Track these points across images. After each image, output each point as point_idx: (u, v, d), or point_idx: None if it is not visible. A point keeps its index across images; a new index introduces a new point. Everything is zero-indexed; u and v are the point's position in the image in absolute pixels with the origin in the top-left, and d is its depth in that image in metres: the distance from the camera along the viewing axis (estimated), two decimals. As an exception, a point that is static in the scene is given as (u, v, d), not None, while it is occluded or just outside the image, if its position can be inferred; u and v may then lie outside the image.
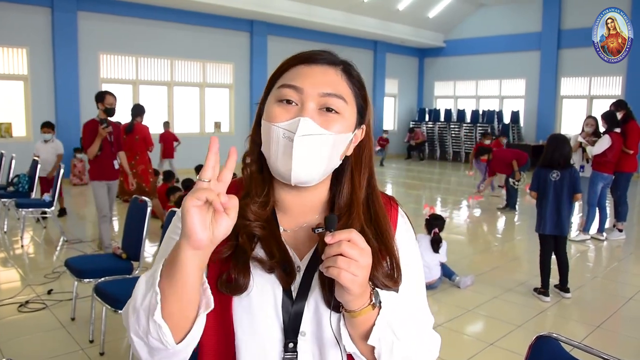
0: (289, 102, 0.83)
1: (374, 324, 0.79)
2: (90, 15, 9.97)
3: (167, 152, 9.49)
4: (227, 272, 0.83)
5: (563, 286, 4.25)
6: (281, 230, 0.89)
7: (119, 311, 2.83)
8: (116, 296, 2.87)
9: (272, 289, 0.84)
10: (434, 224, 4.49)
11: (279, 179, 0.86)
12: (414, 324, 0.84)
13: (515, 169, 7.69)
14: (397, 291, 0.85)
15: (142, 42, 10.80)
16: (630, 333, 3.69)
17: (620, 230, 6.33)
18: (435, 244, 4.35)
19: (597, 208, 6.12)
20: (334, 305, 0.81)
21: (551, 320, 3.88)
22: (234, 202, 0.71)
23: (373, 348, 0.81)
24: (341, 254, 0.73)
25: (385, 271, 0.85)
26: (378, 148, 14.09)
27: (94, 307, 3.28)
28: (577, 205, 7.06)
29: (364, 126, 0.91)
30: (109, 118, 5.01)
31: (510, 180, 7.79)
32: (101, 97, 5.01)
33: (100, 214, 5.05)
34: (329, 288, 0.82)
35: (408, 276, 0.88)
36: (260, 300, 0.84)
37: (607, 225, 6.37)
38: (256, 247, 0.86)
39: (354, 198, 0.89)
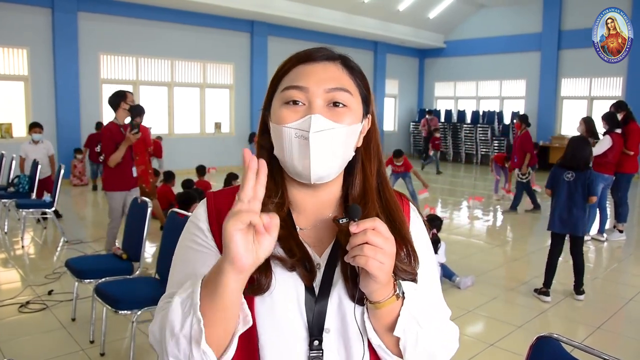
0: (295, 102, 0.84)
1: (398, 315, 0.80)
2: (91, 16, 9.97)
3: (157, 153, 9.70)
4: None
5: (576, 288, 4.24)
6: (297, 230, 0.89)
7: (120, 312, 2.83)
8: (117, 297, 2.87)
9: (294, 286, 0.84)
10: (432, 224, 4.49)
11: (296, 179, 0.87)
12: (434, 315, 0.85)
13: (526, 162, 7.71)
14: (415, 281, 0.86)
15: (143, 43, 10.80)
16: (631, 334, 3.69)
17: (621, 231, 6.33)
18: (433, 245, 4.34)
19: (597, 209, 6.12)
20: (358, 297, 0.81)
21: (552, 320, 3.88)
22: (275, 221, 0.70)
23: (398, 340, 0.81)
24: (367, 243, 0.73)
25: (403, 260, 0.85)
26: (432, 151, 13.01)
27: (94, 308, 3.28)
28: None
29: (369, 115, 0.92)
30: (129, 118, 4.69)
31: (517, 172, 7.82)
32: (123, 95, 4.61)
33: (112, 224, 4.70)
34: (352, 281, 0.82)
35: (423, 268, 0.89)
36: (283, 299, 0.84)
37: (607, 226, 6.37)
38: (275, 246, 0.86)
39: (367, 186, 0.90)
